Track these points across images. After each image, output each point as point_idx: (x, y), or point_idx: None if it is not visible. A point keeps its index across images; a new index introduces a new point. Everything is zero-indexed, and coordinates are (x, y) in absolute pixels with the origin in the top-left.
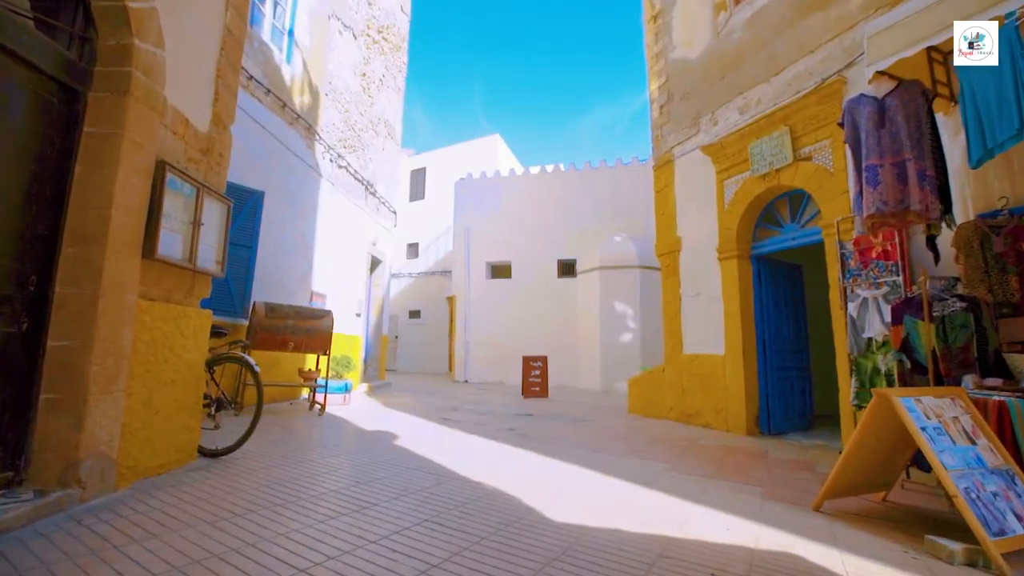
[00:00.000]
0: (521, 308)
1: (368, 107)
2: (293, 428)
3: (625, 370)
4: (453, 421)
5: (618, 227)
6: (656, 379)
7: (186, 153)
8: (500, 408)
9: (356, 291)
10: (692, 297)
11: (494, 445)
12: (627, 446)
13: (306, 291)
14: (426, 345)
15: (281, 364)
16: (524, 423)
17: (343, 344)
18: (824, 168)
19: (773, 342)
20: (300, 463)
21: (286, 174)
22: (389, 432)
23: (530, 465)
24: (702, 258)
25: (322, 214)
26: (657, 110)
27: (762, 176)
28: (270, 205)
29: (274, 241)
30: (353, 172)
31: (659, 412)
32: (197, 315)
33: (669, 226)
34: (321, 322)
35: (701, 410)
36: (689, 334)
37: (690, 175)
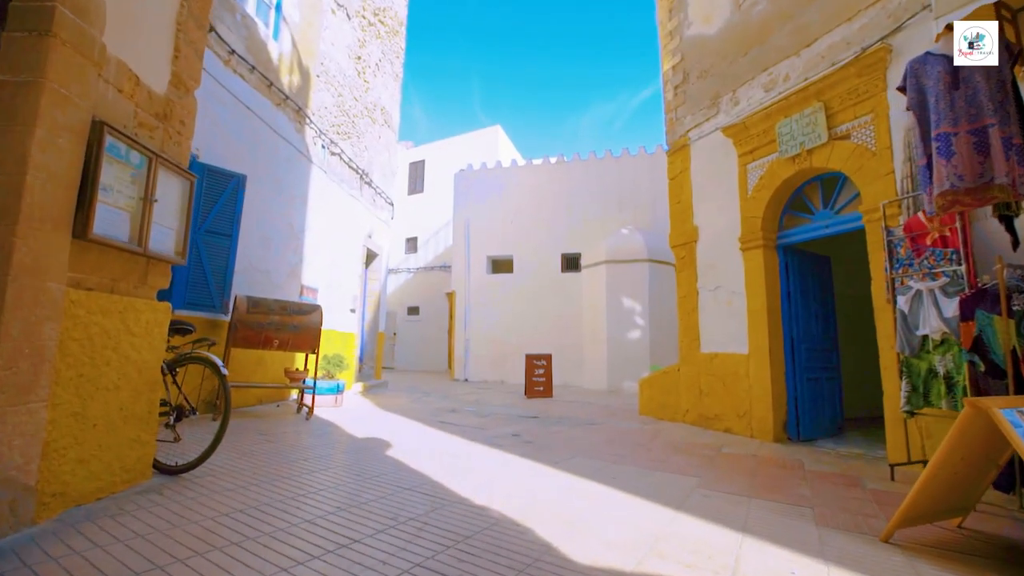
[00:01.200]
0: (523, 304)
1: (363, 92)
2: (274, 435)
3: (633, 369)
4: (452, 425)
5: (624, 220)
6: (670, 379)
7: (136, 116)
8: (502, 410)
9: (350, 286)
10: (711, 291)
11: (497, 455)
12: (646, 455)
13: (296, 285)
14: (425, 343)
15: (267, 363)
16: (529, 427)
17: (336, 342)
18: (864, 147)
19: (802, 340)
20: (273, 481)
21: (273, 159)
22: (381, 439)
23: (541, 481)
24: (722, 249)
25: (313, 203)
26: (671, 91)
27: (791, 158)
28: (254, 191)
29: (259, 231)
30: (347, 160)
31: (673, 414)
32: (151, 308)
33: (685, 215)
34: (308, 318)
35: (721, 413)
36: (708, 331)
37: (708, 160)
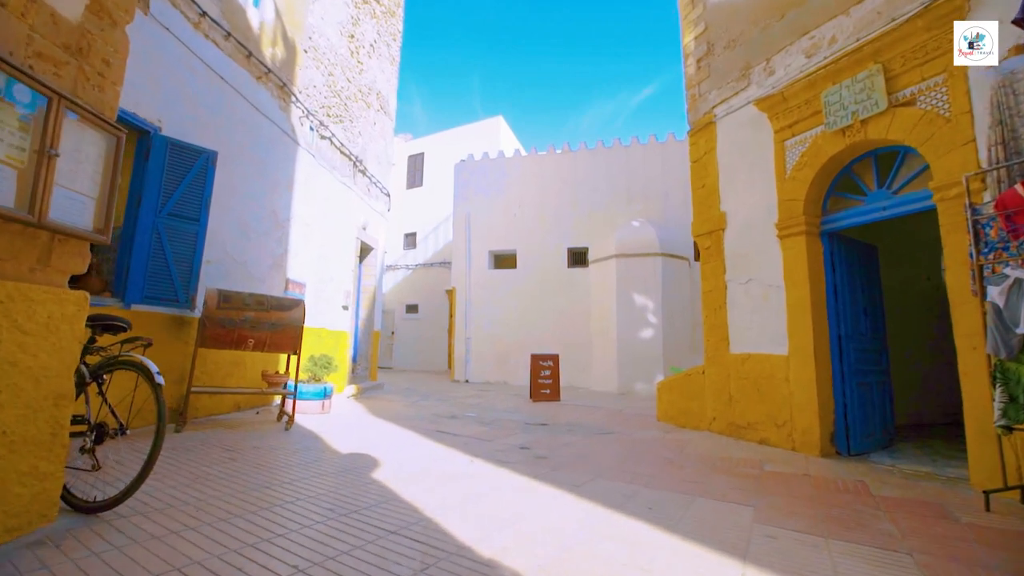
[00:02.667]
0: (527, 301)
1: (357, 74)
2: (242, 450)
3: (645, 370)
4: (451, 435)
5: (634, 212)
6: (693, 383)
7: (31, 44)
8: (507, 415)
9: (343, 281)
10: (742, 285)
11: (505, 477)
12: (679, 475)
13: (280, 279)
14: (424, 342)
15: (245, 364)
16: (538, 437)
17: (326, 341)
18: (935, 113)
19: (850, 339)
20: (220, 523)
21: (253, 138)
22: (368, 456)
23: (561, 516)
24: (755, 237)
25: (301, 189)
26: (693, 65)
27: (840, 131)
28: (231, 172)
29: (237, 217)
30: (339, 145)
31: (698, 422)
32: (56, 299)
33: (710, 201)
34: (289, 314)
35: (756, 422)
36: (738, 330)
37: (738, 138)
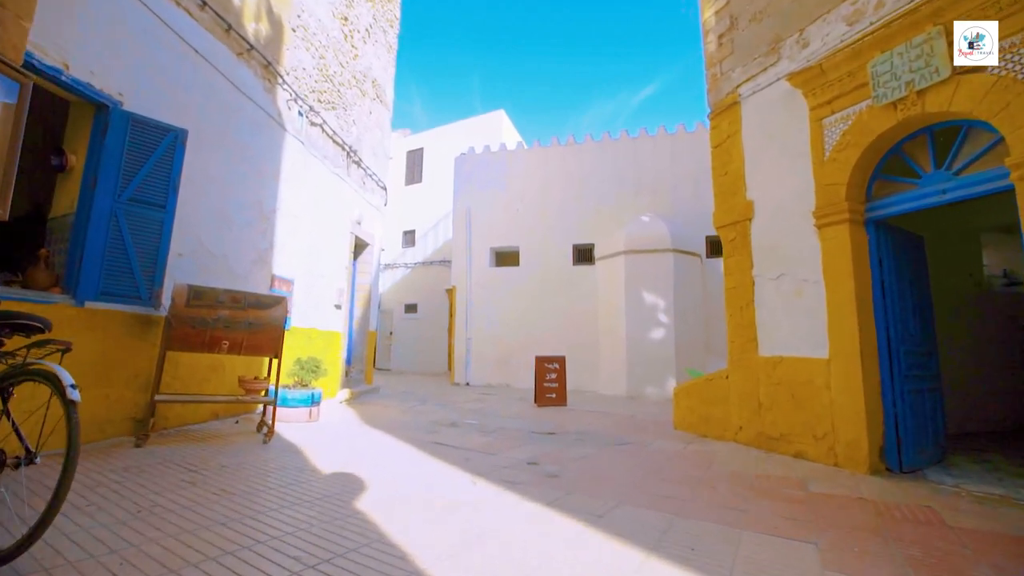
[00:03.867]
0: (530, 300)
1: (351, 59)
2: (207, 471)
3: (656, 372)
4: (451, 448)
5: (642, 206)
6: (716, 388)
7: None
8: (511, 423)
9: (335, 278)
10: (772, 280)
11: (513, 504)
12: (714, 498)
13: (265, 275)
14: (423, 342)
15: (224, 368)
16: (547, 449)
17: (317, 342)
18: (1012, 78)
19: (901, 341)
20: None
21: (233, 120)
22: (354, 476)
23: (582, 561)
24: (787, 227)
25: (289, 178)
26: (714, 42)
27: (891, 104)
28: (208, 157)
29: (215, 206)
30: (331, 133)
31: (720, 431)
32: None
33: (734, 188)
34: (268, 313)
35: (790, 433)
36: (768, 330)
37: (767, 118)
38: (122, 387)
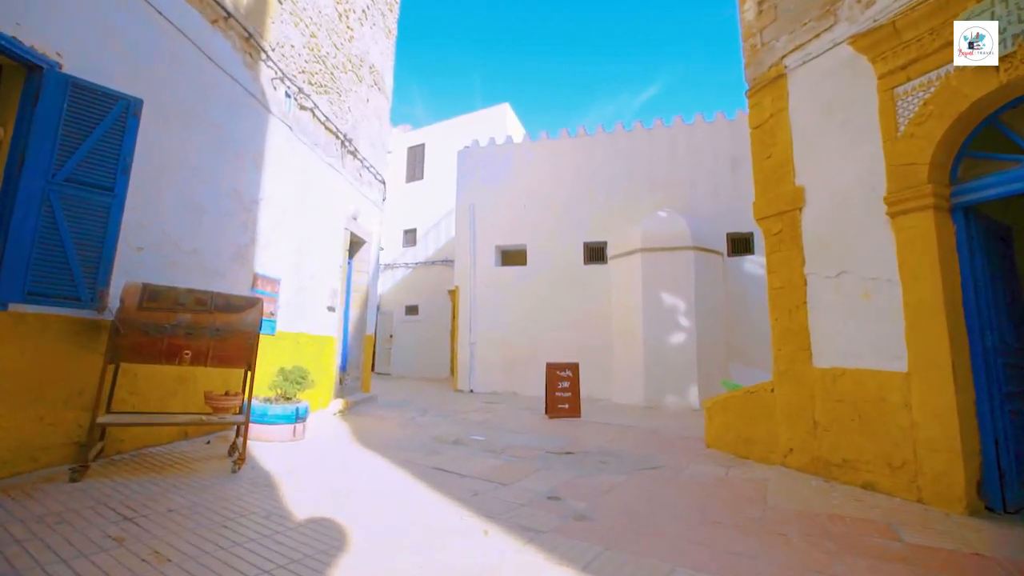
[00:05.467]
0: (538, 301)
1: (346, 41)
2: (144, 519)
3: (677, 380)
4: (454, 475)
5: (657, 202)
6: (758, 403)
7: None
8: (522, 439)
9: (328, 277)
10: (830, 279)
11: (539, 571)
12: (793, 554)
13: (245, 274)
14: (425, 345)
15: (195, 380)
16: (568, 477)
17: (307, 349)
18: None
19: (998, 352)
20: None
21: (206, 96)
22: (333, 526)
23: None
24: (850, 216)
25: (274, 166)
26: (752, 9)
27: (991, 66)
28: (175, 136)
29: (183, 194)
30: (323, 119)
31: (765, 453)
32: None
33: (779, 174)
34: (239, 317)
35: (857, 460)
36: (826, 336)
37: (820, 90)
38: (61, 407)
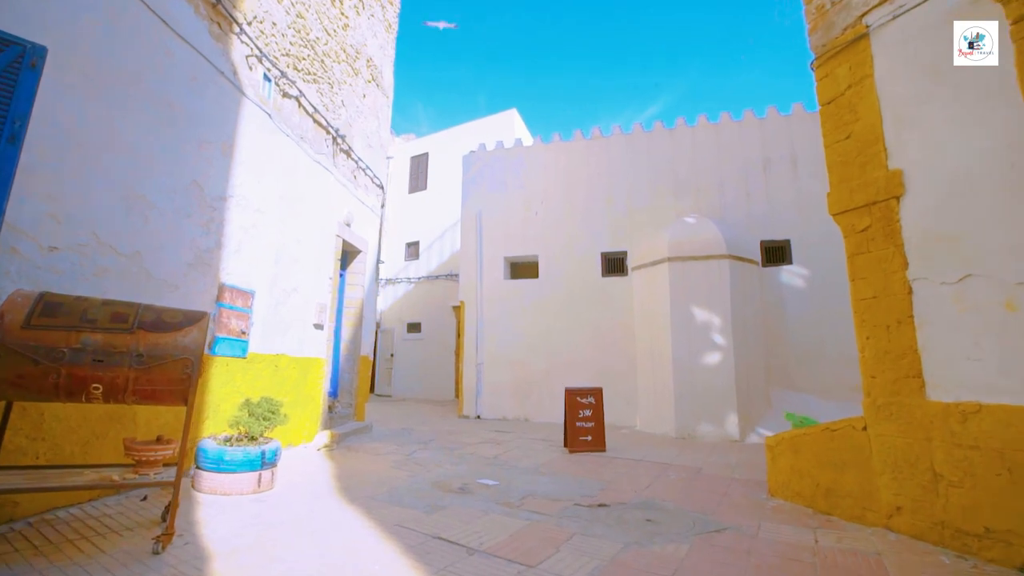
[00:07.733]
0: (552, 318)
1: (340, 27)
2: None
3: (712, 406)
4: (459, 549)
5: (682, 209)
6: (844, 444)
7: None
8: (541, 484)
9: (316, 291)
10: (949, 285)
11: None
12: None
13: (208, 284)
14: (428, 365)
15: (136, 420)
16: (612, 548)
17: (287, 374)
18: None
19: None
20: None
21: (154, 63)
22: None
23: None
24: (978, 204)
25: (247, 158)
26: None
27: None
28: (109, 108)
29: (121, 182)
30: (311, 110)
31: (856, 510)
32: None
33: (866, 155)
34: (173, 338)
35: (1008, 531)
36: (947, 361)
37: (922, 50)
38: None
